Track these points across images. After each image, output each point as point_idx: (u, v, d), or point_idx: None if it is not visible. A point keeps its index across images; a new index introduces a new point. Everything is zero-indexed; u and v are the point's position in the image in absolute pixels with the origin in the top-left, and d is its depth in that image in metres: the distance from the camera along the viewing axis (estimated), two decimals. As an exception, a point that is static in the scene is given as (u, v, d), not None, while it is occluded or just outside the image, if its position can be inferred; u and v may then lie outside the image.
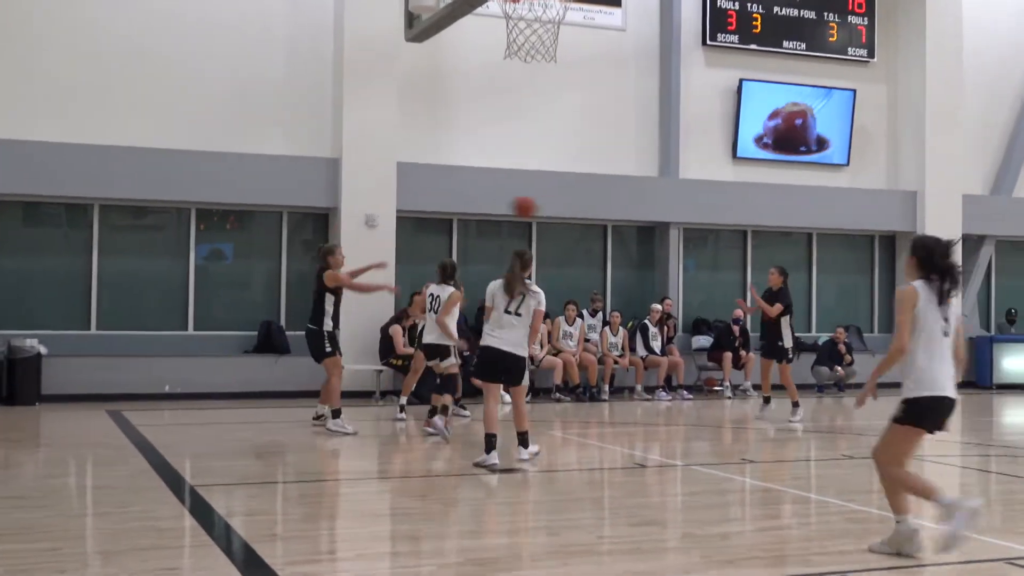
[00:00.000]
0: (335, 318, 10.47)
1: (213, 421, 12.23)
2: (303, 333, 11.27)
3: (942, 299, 5.19)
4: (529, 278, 8.29)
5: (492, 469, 7.92)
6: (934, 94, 17.45)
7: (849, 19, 17.50)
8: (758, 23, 16.87)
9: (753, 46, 16.95)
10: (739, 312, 15.34)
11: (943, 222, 17.22)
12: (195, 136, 14.16)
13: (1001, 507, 7.89)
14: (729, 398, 15.12)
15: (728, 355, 15.34)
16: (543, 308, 8.24)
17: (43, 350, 13.17)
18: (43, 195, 13.81)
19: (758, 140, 17.03)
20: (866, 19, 17.60)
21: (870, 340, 17.10)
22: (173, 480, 7.84)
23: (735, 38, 16.77)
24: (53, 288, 14.09)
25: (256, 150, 14.34)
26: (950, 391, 5.22)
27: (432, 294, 10.38)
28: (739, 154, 16.91)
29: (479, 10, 13.55)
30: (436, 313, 10.18)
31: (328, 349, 10.39)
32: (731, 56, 16.94)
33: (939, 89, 17.49)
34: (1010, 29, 18.61)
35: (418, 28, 14.20)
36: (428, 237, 15.68)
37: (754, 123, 16.95)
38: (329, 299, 10.32)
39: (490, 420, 8.16)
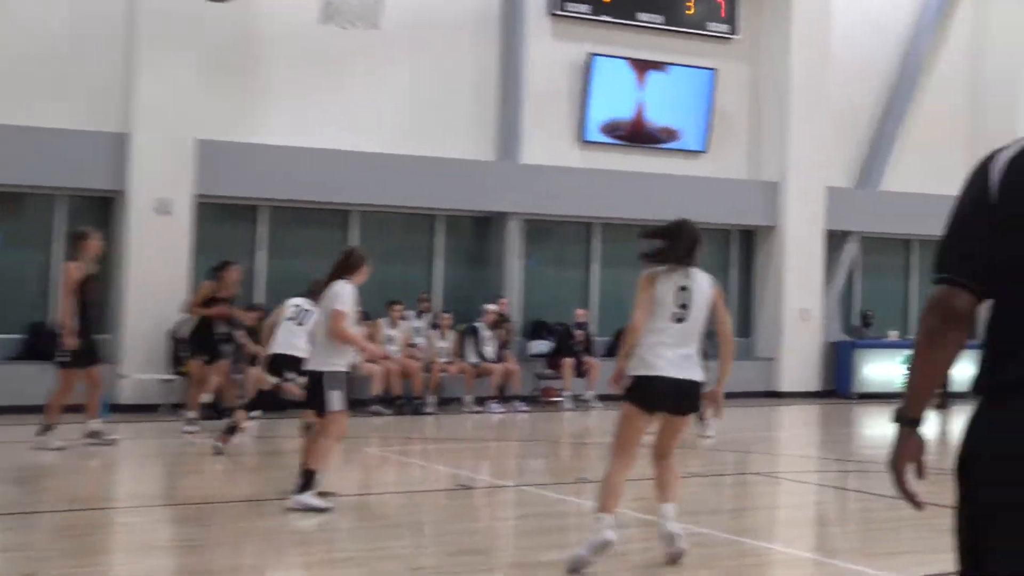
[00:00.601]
0: (83, 319, 9.88)
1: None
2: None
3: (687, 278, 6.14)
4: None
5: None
6: (800, 78, 17.55)
7: None
8: None
9: (604, 17, 16.66)
10: (582, 312, 15.15)
11: (805, 216, 17.86)
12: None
13: (856, 526, 8.40)
14: (569, 410, 14.75)
15: (569, 362, 14.94)
16: (338, 307, 7.56)
17: None
18: None
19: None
20: None
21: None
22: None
23: (586, 8, 16.42)
24: None
25: (26, 122, 13.48)
26: (670, 372, 5.86)
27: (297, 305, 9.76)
28: (587, 137, 16.66)
29: None
30: (301, 324, 9.57)
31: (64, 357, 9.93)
32: (581, 28, 16.63)
33: (805, 72, 17.60)
34: (880, 14, 18.78)
35: None
36: (232, 226, 15.21)
37: (604, 104, 16.58)
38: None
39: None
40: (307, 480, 7.45)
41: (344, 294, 7.54)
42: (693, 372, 5.99)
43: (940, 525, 2.93)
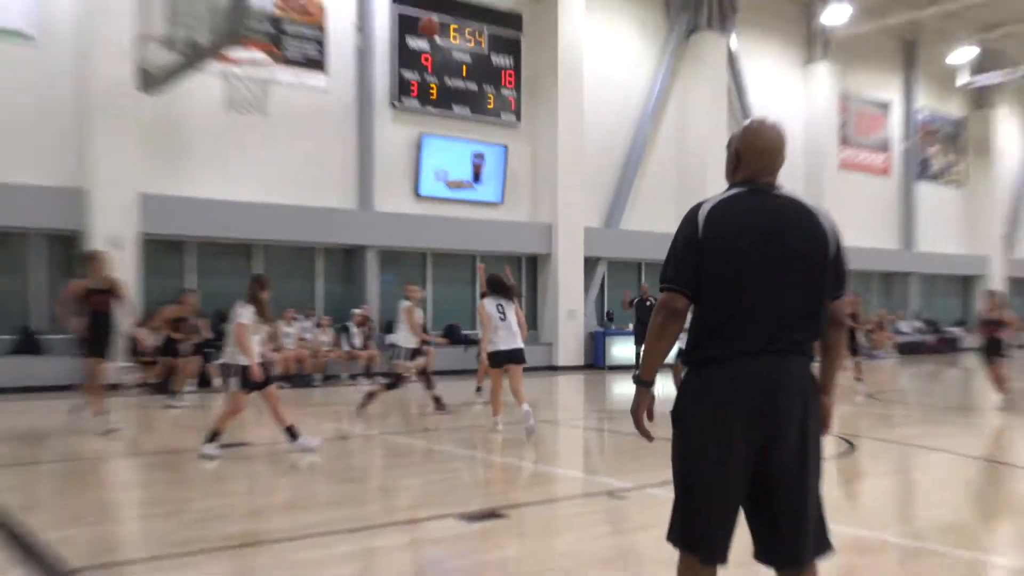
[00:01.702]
0: (93, 322, 9.69)
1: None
2: (58, 337, 11.61)
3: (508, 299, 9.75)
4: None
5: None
6: (563, 151, 19.35)
7: (502, 91, 19.27)
8: (434, 91, 18.33)
9: (431, 108, 18.30)
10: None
11: (570, 247, 19.44)
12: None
13: (609, 454, 9.21)
14: (413, 382, 15.42)
15: None
16: (240, 320, 8.11)
17: None
18: None
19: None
20: (515, 92, 19.46)
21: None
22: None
23: (417, 102, 18.12)
24: None
25: (5, 179, 14.19)
26: (505, 345, 9.53)
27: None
28: (421, 193, 18.28)
29: (207, 69, 13.72)
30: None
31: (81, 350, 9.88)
32: (414, 116, 18.17)
33: (567, 147, 19.40)
34: (617, 99, 20.99)
35: (150, 82, 14.04)
36: (168, 257, 15.97)
37: (431, 169, 18.23)
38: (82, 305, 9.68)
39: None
40: (213, 435, 7.98)
41: (244, 312, 8.10)
42: (517, 343, 9.67)
43: (663, 451, 3.10)
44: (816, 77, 25.50)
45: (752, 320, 2.92)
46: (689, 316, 3.04)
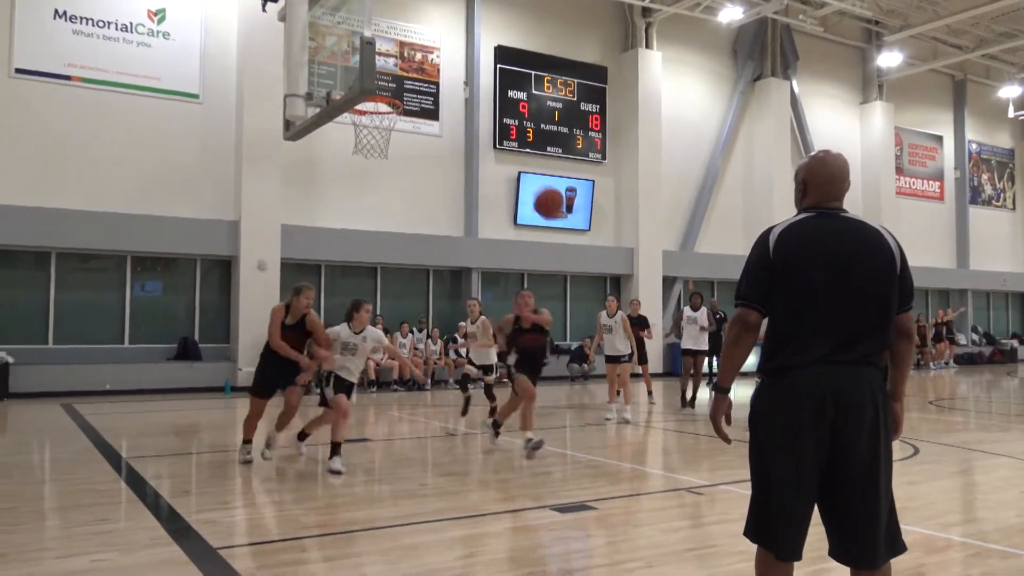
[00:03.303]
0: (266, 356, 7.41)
1: (144, 411, 11.96)
2: (212, 346, 11.70)
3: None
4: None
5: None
6: (643, 184, 19.47)
7: (590, 134, 19.36)
8: (531, 134, 18.54)
9: (527, 150, 18.50)
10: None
11: (650, 267, 19.42)
12: (130, 201, 14.48)
13: (690, 453, 8.96)
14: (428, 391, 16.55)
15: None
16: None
17: (10, 359, 13.48)
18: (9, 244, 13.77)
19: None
20: (601, 134, 19.53)
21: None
22: (110, 454, 7.74)
23: (515, 144, 18.33)
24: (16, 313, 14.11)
25: (177, 214, 14.82)
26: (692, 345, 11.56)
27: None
28: (518, 222, 18.43)
29: (338, 119, 13.44)
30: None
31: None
32: (513, 156, 18.43)
33: (646, 180, 19.53)
34: (690, 138, 20.92)
35: (292, 131, 13.67)
36: (303, 277, 15.52)
37: (527, 201, 18.01)
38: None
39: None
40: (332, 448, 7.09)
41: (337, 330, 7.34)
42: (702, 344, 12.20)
43: (737, 452, 3.02)
44: (872, 115, 24.75)
45: (822, 332, 2.76)
46: (763, 330, 2.91)
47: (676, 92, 20.79)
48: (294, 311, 7.28)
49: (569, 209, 18.93)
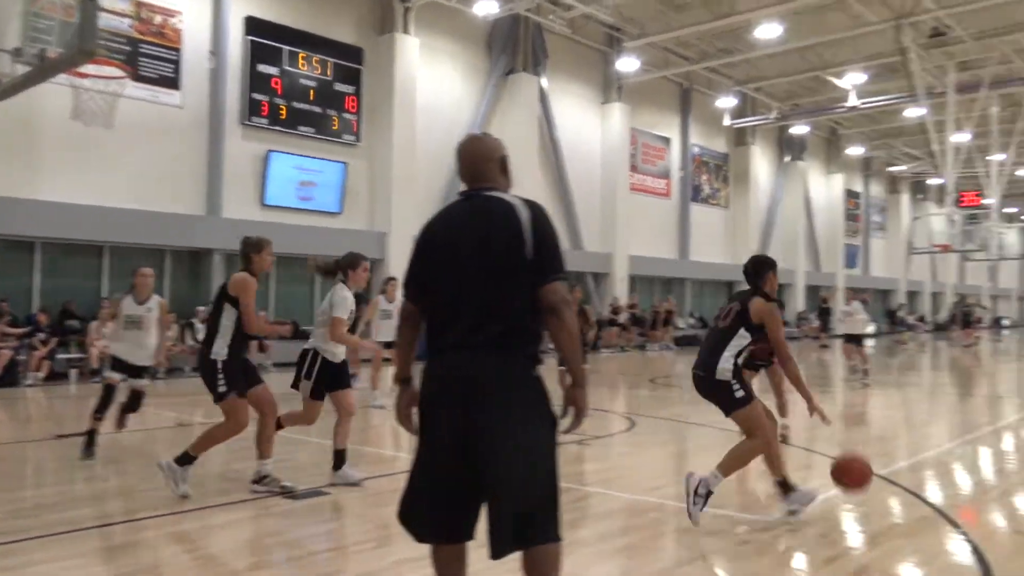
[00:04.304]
0: (234, 341, 5.70)
1: None
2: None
3: None
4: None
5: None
6: (398, 169, 19.17)
7: (345, 115, 18.97)
8: (284, 112, 17.85)
9: (279, 128, 17.80)
10: (263, 313, 16.73)
11: (402, 253, 18.28)
12: None
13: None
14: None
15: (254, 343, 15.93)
16: None
17: None
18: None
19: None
20: (357, 116, 19.18)
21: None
22: None
23: (266, 121, 17.58)
24: None
25: None
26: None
27: None
28: (267, 202, 17.73)
29: (56, 79, 11.70)
30: None
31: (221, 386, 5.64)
32: (263, 133, 17.59)
33: (401, 165, 19.20)
34: (446, 126, 20.72)
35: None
36: (16, 255, 14.86)
37: (277, 180, 17.61)
38: (228, 312, 5.71)
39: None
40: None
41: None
42: None
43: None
44: (612, 115, 26.47)
45: (452, 317, 2.76)
46: None
47: (433, 79, 20.81)
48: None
49: (320, 191, 18.53)
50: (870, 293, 36.64)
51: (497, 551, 2.65)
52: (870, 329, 36.43)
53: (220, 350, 5.63)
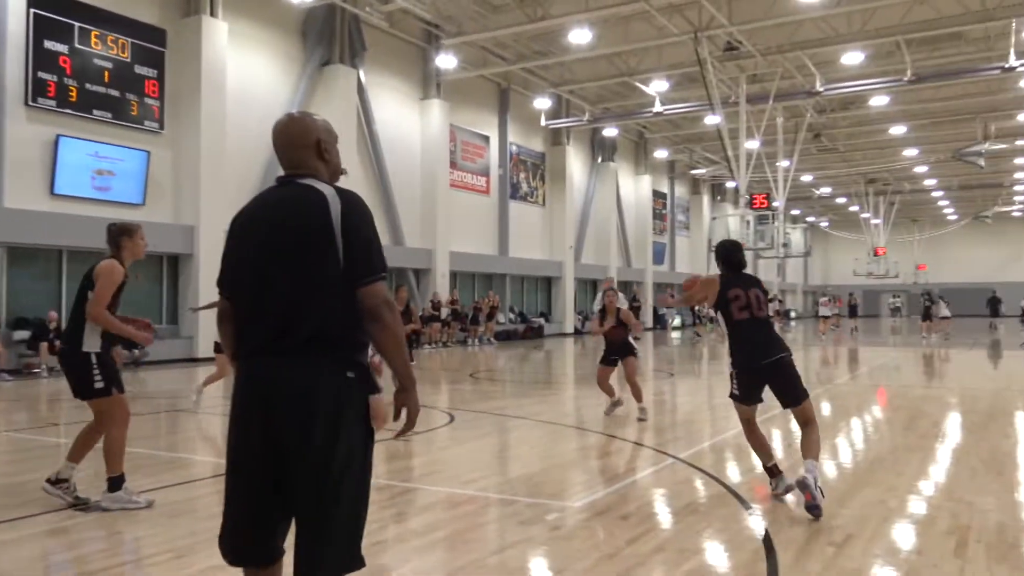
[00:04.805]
0: (106, 333, 5.30)
1: None
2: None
3: None
4: None
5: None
6: (206, 159, 18.30)
7: (146, 100, 17.79)
8: (74, 94, 16.44)
9: (69, 111, 16.42)
10: (53, 314, 15.33)
11: (212, 248, 18.07)
12: None
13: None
14: (46, 378, 14.87)
15: (44, 344, 15.21)
16: None
17: None
18: None
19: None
20: (160, 102, 18.05)
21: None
22: None
23: (54, 103, 16.15)
24: None
25: None
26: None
27: None
28: (56, 191, 16.42)
29: None
30: None
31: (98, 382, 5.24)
32: (51, 116, 16.19)
33: (210, 156, 18.37)
34: (259, 115, 19.86)
35: None
36: None
37: (68, 167, 16.35)
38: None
39: None
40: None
41: None
42: None
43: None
44: (431, 111, 26.53)
45: (254, 319, 2.51)
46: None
47: (244, 67, 20.10)
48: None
49: (118, 181, 17.29)
50: (675, 289, 39.07)
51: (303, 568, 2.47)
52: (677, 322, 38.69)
53: (93, 342, 5.19)
